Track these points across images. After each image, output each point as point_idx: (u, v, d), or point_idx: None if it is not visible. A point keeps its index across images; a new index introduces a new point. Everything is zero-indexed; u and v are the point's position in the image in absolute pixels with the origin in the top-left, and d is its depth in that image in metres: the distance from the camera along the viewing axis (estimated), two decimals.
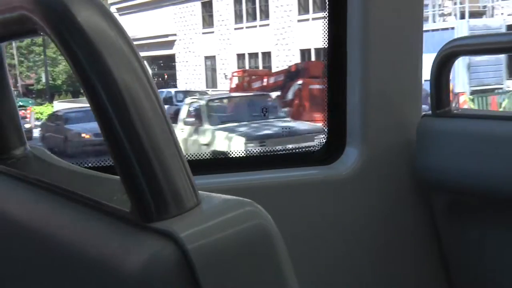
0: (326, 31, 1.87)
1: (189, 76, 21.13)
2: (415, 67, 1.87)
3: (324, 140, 1.91)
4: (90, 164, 1.70)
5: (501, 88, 16.16)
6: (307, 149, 1.92)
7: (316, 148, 1.91)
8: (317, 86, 13.03)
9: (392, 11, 1.81)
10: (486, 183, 1.69)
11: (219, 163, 1.85)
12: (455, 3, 18.54)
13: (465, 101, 14.76)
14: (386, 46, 1.82)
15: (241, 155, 1.88)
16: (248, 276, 0.58)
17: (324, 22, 1.87)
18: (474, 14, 18.72)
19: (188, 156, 1.82)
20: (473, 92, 15.40)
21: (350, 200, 1.83)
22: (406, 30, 1.84)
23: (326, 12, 1.86)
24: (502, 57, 15.87)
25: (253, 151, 1.91)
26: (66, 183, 0.75)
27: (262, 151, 1.93)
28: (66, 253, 0.67)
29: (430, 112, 1.85)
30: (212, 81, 20.60)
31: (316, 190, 1.81)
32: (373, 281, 1.89)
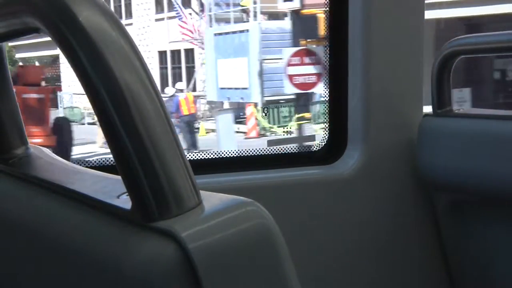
0: (327, 31, 1.87)
1: (72, 77, 19.80)
2: (417, 67, 1.87)
3: (325, 140, 1.91)
4: (91, 164, 1.70)
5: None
6: (308, 148, 1.92)
7: (318, 148, 1.91)
8: (33, 95, 11.58)
9: (393, 11, 1.81)
10: (488, 182, 1.68)
11: (221, 162, 1.85)
12: (255, 3, 15.83)
13: (252, 113, 13.55)
14: (388, 46, 1.82)
15: (242, 155, 1.88)
16: (249, 276, 0.58)
17: (325, 22, 1.87)
18: (275, 16, 15.96)
19: (190, 155, 1.82)
20: (269, 103, 13.72)
21: (351, 199, 1.83)
22: (407, 30, 1.84)
23: (327, 12, 1.86)
24: None
25: (255, 151, 1.90)
26: (67, 183, 0.75)
27: (263, 150, 1.92)
28: (67, 252, 0.67)
29: (431, 111, 1.85)
30: None
31: (317, 189, 1.81)
32: (375, 280, 1.89)
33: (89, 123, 14.85)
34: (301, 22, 12.85)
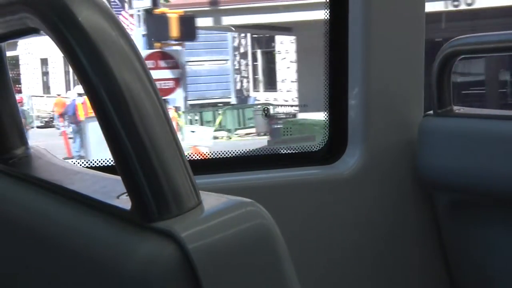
0: (327, 31, 1.87)
1: (30, 80, 18.53)
2: (417, 66, 1.87)
3: (325, 140, 1.90)
4: (91, 164, 1.70)
5: (228, 103, 13.89)
6: (308, 148, 1.92)
7: (318, 148, 1.91)
8: None
9: (393, 10, 1.81)
10: (488, 182, 1.68)
11: (221, 162, 1.85)
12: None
13: (173, 118, 13.22)
14: (388, 45, 1.82)
15: (242, 155, 1.88)
16: (248, 276, 0.58)
17: (326, 22, 1.87)
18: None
19: (189, 156, 1.82)
20: (193, 106, 13.19)
21: (352, 199, 1.83)
22: (408, 30, 1.84)
23: (327, 12, 1.86)
24: (230, 67, 14.06)
25: (255, 151, 1.90)
26: (67, 183, 0.75)
27: (263, 150, 1.93)
28: (67, 252, 0.67)
29: (431, 111, 1.85)
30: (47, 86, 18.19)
31: (317, 189, 1.81)
32: (375, 281, 1.89)
33: (38, 127, 14.40)
34: (155, 22, 11.99)
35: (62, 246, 0.68)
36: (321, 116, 1.90)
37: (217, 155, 1.84)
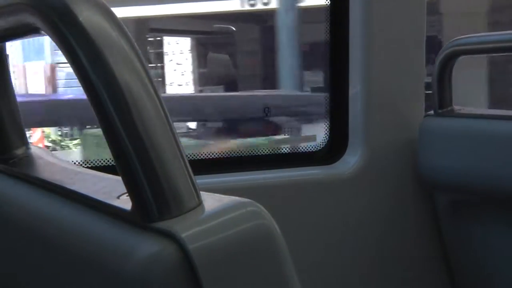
0: (327, 31, 1.87)
1: None
2: (418, 66, 1.87)
3: (326, 140, 1.90)
4: (91, 164, 1.70)
5: None
6: (309, 148, 1.92)
7: (318, 148, 1.91)
8: None
9: (394, 10, 1.81)
10: (489, 183, 1.68)
11: (221, 162, 1.85)
12: None
13: (41, 138, 12.70)
14: (388, 45, 1.82)
15: (242, 155, 1.88)
16: (249, 276, 0.58)
17: (326, 23, 1.87)
18: None
19: (190, 156, 1.82)
20: None
21: (352, 200, 1.83)
22: (408, 30, 1.84)
23: (328, 11, 1.86)
24: None
25: (255, 151, 1.91)
26: (67, 183, 0.75)
27: (264, 150, 1.93)
28: (67, 253, 0.67)
29: (432, 111, 1.85)
30: None
31: (318, 190, 1.81)
32: (375, 280, 1.89)
33: None
34: None
35: (62, 246, 0.68)
36: None
37: (217, 155, 1.84)
